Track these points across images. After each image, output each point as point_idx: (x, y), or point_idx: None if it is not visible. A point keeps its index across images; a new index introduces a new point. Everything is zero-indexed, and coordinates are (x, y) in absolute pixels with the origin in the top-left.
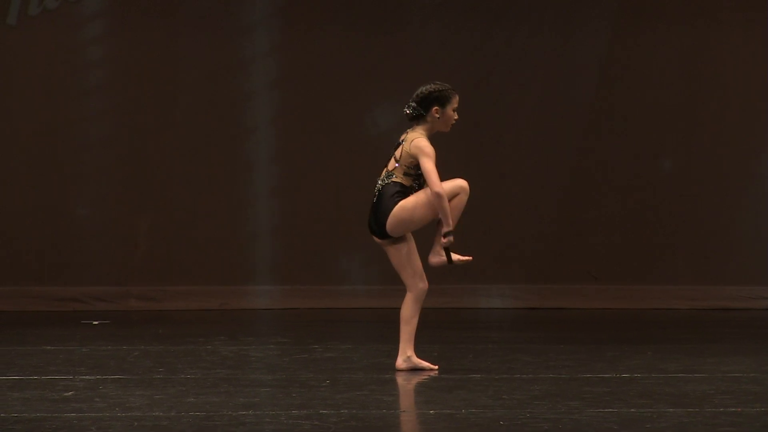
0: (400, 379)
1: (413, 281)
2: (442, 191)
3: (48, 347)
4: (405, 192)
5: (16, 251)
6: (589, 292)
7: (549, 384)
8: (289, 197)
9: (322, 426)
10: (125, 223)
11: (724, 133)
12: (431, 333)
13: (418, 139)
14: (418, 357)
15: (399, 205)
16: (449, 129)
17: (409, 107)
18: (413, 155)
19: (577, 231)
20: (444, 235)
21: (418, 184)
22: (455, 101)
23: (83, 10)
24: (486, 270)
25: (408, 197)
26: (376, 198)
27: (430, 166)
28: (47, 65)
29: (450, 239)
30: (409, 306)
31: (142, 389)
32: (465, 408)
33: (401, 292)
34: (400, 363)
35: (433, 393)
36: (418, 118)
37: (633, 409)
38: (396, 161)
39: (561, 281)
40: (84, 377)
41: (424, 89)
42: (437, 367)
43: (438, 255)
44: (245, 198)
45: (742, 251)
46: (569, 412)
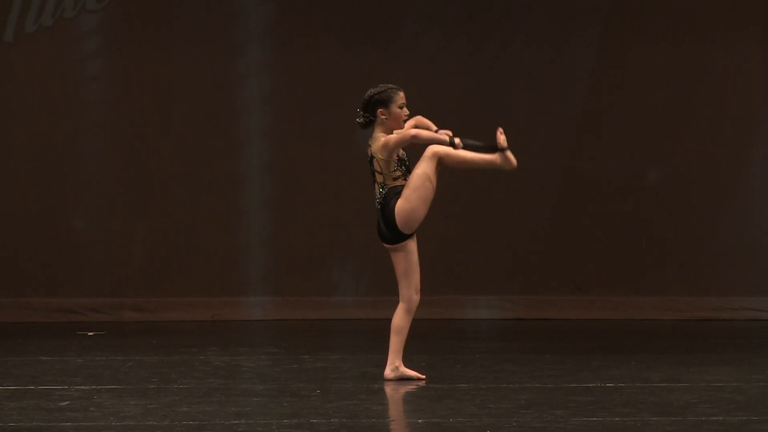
0: (389, 389)
1: (409, 293)
2: (413, 132)
3: (44, 357)
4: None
5: (13, 263)
6: (575, 303)
7: (535, 393)
8: (282, 210)
9: None
10: (120, 236)
11: (710, 146)
12: (420, 343)
13: (376, 141)
14: (406, 366)
15: (398, 203)
16: (403, 126)
17: (359, 116)
18: (385, 156)
19: (564, 243)
20: (451, 144)
21: (404, 173)
22: (399, 98)
23: (79, 26)
24: (474, 281)
25: (403, 192)
26: (380, 208)
27: (394, 138)
28: (44, 80)
29: (456, 141)
30: (401, 317)
31: (136, 399)
32: (453, 417)
33: (390, 302)
34: (388, 373)
35: (422, 402)
36: (368, 124)
37: (617, 418)
38: (380, 173)
39: (547, 292)
40: (79, 387)
41: (366, 94)
42: (424, 377)
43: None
44: (238, 210)
45: (725, 263)
46: (555, 420)
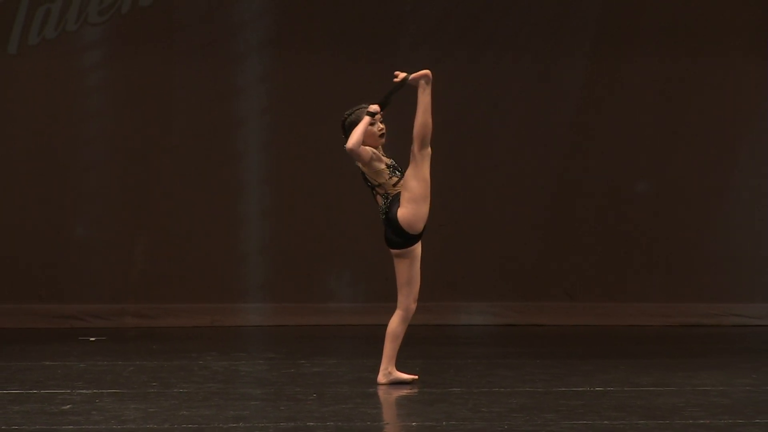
0: (383, 393)
1: (408, 301)
2: (358, 132)
3: (47, 363)
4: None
5: (18, 271)
6: (566, 309)
7: (526, 397)
8: (279, 219)
9: None
10: (122, 244)
11: (697, 157)
12: (414, 349)
13: (373, 161)
14: (399, 371)
15: (400, 211)
16: (383, 139)
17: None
18: (369, 170)
19: (555, 251)
20: (370, 114)
21: (400, 177)
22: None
23: (81, 39)
24: (467, 288)
25: (405, 196)
26: (385, 216)
27: (359, 148)
28: (47, 91)
29: (371, 108)
30: (398, 324)
31: (137, 403)
32: (446, 420)
33: (385, 309)
34: (381, 378)
35: (415, 406)
36: None
37: (606, 422)
38: (377, 185)
39: (539, 299)
40: (81, 391)
41: (341, 119)
42: (417, 376)
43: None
44: (237, 219)
45: (712, 270)
46: (545, 424)
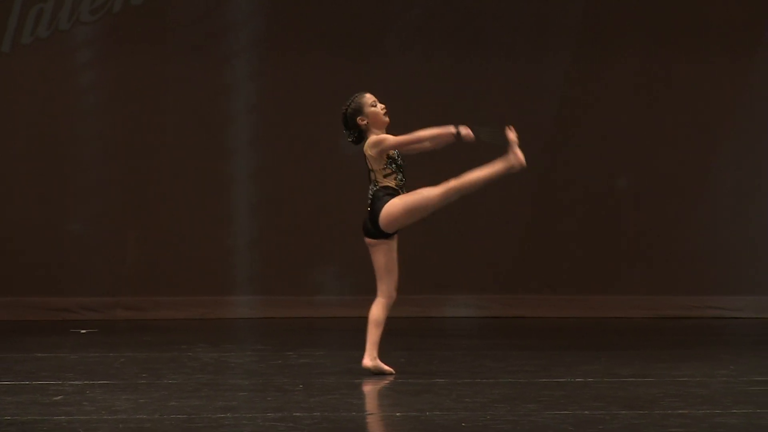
0: (369, 384)
1: (389, 288)
2: (422, 133)
3: (40, 354)
4: (394, 194)
5: (12, 264)
6: (549, 302)
7: (509, 388)
8: (268, 213)
9: (296, 428)
10: (115, 238)
11: (676, 153)
12: (400, 340)
13: (368, 140)
14: (384, 362)
15: (390, 203)
16: (388, 120)
17: (346, 135)
18: (374, 153)
19: (539, 245)
20: (458, 135)
21: (401, 178)
22: (366, 99)
23: (74, 38)
24: (452, 281)
25: (399, 196)
26: (370, 203)
27: (393, 138)
28: (40, 90)
29: (463, 132)
30: (381, 310)
31: (127, 394)
32: (429, 410)
33: (372, 302)
34: (367, 362)
35: (400, 396)
36: (359, 136)
37: (587, 412)
38: (372, 171)
39: (523, 291)
40: (73, 382)
41: (341, 116)
42: (393, 371)
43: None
44: (227, 214)
45: (692, 264)
46: (527, 414)
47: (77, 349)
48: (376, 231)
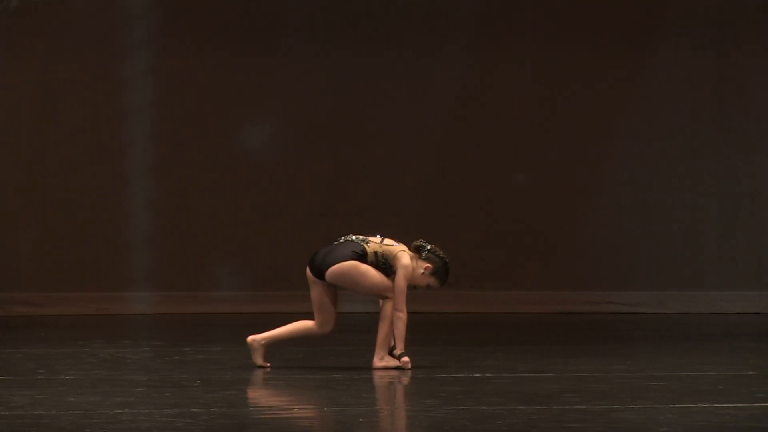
0: (266, 380)
1: (321, 322)
2: (405, 315)
3: None
4: (360, 259)
5: None
6: (446, 297)
7: (407, 383)
8: (165, 209)
9: (194, 423)
10: (10, 234)
11: (574, 147)
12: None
13: (402, 253)
14: (265, 359)
15: (355, 264)
16: (414, 282)
17: (423, 247)
18: (392, 259)
19: (436, 239)
20: (399, 357)
21: (377, 267)
22: (436, 281)
23: None
24: None
25: (368, 266)
26: (339, 242)
27: (404, 284)
28: None
29: (406, 360)
30: (308, 327)
31: (25, 389)
32: (327, 406)
33: (269, 297)
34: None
35: (297, 392)
36: (419, 251)
37: (485, 407)
38: (374, 252)
39: None
40: None
41: (441, 258)
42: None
43: (385, 361)
44: (123, 210)
45: (587, 259)
46: (426, 409)
47: None
48: (321, 270)
